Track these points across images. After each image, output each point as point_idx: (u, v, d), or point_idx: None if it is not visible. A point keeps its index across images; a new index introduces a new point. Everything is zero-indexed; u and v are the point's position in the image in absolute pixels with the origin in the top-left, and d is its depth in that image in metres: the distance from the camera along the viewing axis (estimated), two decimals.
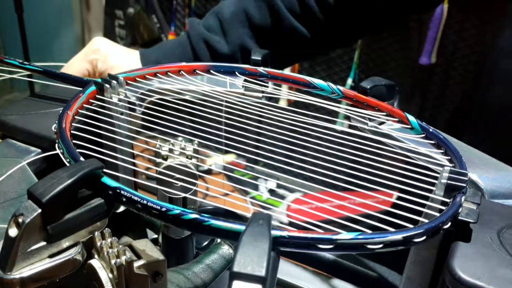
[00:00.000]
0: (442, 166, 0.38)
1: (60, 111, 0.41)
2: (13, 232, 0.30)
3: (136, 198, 0.31)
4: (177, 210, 0.30)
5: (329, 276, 0.56)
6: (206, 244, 0.51)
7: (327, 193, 0.40)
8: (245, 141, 0.40)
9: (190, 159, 0.42)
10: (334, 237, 0.29)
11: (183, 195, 0.41)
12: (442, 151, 0.42)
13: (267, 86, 0.53)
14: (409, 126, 0.46)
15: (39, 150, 0.45)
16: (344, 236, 0.29)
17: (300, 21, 0.69)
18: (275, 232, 0.28)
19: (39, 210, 0.29)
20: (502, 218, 0.35)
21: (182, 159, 0.42)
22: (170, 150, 0.42)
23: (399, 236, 0.29)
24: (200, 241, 0.51)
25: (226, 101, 0.48)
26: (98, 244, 0.33)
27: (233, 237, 0.29)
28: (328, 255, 0.57)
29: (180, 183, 0.41)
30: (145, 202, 0.31)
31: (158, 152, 0.42)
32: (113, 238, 0.34)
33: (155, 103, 0.47)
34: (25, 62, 0.53)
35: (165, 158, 0.42)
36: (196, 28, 0.70)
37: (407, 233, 0.29)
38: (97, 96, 0.46)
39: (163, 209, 0.30)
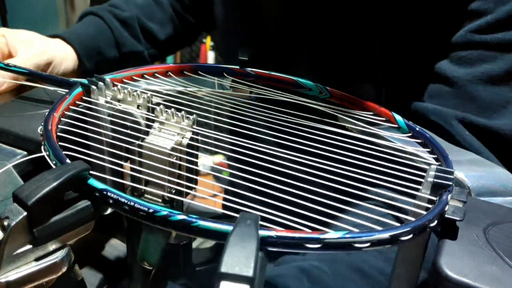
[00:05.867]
0: (429, 164, 0.38)
1: (46, 113, 0.41)
2: None
3: (123, 200, 0.31)
4: (164, 211, 0.30)
5: None
6: None
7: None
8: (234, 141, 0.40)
9: (139, 109, 0.44)
10: (322, 236, 0.29)
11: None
12: (428, 149, 0.42)
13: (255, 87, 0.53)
14: (396, 125, 0.46)
15: (25, 153, 0.44)
16: (331, 235, 0.29)
17: None
18: (262, 232, 0.28)
19: (25, 213, 0.29)
20: (488, 215, 0.35)
21: (132, 107, 0.44)
22: (125, 96, 0.45)
23: (386, 235, 0.29)
24: None
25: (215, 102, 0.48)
26: None
27: (221, 238, 0.29)
28: None
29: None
30: (132, 203, 0.31)
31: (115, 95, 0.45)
32: None
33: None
34: (10, 64, 0.53)
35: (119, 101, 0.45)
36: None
37: (394, 232, 0.29)
38: (83, 97, 0.46)
39: (150, 210, 0.30)
